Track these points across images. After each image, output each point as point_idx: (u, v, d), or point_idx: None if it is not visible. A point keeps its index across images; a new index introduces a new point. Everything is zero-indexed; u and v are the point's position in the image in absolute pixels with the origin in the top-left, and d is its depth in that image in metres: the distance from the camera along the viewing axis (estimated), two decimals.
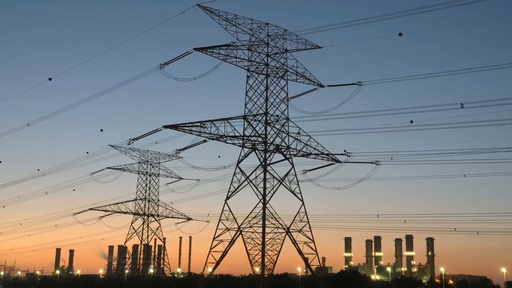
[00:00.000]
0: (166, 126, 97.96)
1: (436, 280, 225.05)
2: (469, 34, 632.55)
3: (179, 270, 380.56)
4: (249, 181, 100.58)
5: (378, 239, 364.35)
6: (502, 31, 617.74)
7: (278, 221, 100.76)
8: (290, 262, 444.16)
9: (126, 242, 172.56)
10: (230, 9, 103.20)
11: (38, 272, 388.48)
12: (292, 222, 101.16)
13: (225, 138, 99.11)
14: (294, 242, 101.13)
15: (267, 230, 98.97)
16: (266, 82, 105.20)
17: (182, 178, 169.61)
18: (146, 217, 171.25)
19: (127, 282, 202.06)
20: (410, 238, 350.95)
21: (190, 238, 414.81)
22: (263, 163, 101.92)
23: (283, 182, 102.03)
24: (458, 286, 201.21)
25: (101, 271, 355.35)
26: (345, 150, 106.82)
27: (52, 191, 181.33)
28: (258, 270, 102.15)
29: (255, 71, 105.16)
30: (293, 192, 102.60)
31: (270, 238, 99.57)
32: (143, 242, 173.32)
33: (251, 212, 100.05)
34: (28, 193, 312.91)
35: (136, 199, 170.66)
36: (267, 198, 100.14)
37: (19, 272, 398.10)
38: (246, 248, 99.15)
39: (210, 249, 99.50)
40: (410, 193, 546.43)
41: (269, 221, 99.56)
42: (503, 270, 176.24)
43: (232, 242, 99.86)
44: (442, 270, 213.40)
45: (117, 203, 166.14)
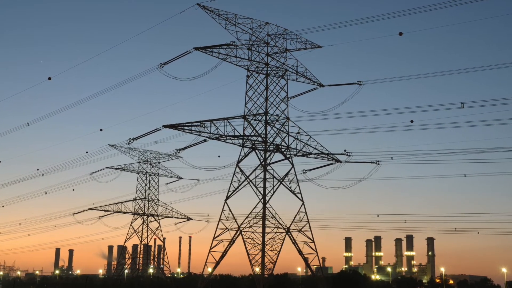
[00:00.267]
0: (165, 126, 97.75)
1: (436, 280, 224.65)
2: (469, 33, 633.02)
3: (179, 270, 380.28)
4: (249, 181, 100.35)
5: (378, 239, 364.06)
6: (502, 31, 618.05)
7: (278, 221, 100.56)
8: (290, 262, 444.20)
9: (125, 242, 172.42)
10: (230, 8, 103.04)
11: (37, 272, 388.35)
12: (292, 222, 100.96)
13: (225, 138, 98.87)
14: (294, 242, 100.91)
15: (267, 230, 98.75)
16: (266, 81, 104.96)
17: (182, 178, 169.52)
18: (145, 217, 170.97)
19: (127, 282, 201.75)
20: (410, 238, 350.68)
21: (190, 238, 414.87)
22: (263, 163, 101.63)
23: (283, 182, 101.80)
24: (458, 286, 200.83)
25: (100, 271, 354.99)
26: (345, 150, 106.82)
27: (51, 191, 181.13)
28: (258, 270, 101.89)
29: (255, 71, 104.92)
30: (293, 192, 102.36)
31: (270, 238, 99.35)
32: (143, 242, 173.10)
33: (251, 212, 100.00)
34: (27, 192, 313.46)
35: (135, 199, 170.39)
36: (267, 198, 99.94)
37: (19, 272, 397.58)
38: (246, 248, 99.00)
39: (210, 249, 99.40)
40: (411, 193, 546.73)
41: (269, 221, 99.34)
42: (504, 270, 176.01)
43: (232, 242, 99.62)
44: (443, 270, 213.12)
45: (116, 203, 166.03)
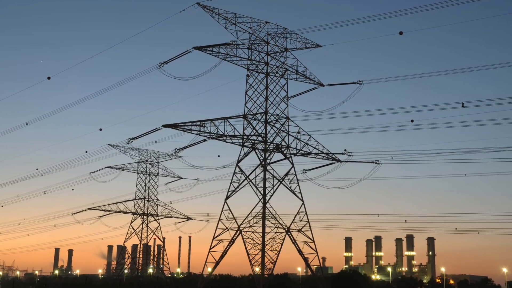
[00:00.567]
0: (165, 125, 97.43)
1: (437, 280, 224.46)
2: (469, 33, 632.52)
3: (179, 270, 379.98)
4: (249, 180, 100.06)
5: (378, 239, 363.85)
6: (503, 30, 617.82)
7: (278, 220, 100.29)
8: (290, 262, 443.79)
9: (125, 242, 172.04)
10: (230, 7, 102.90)
11: (36, 272, 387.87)
12: (292, 222, 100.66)
13: (224, 138, 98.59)
14: (294, 242, 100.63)
15: (267, 229, 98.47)
16: (266, 81, 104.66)
17: (181, 178, 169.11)
18: (145, 216, 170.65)
19: (126, 282, 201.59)
20: (410, 238, 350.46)
21: (190, 238, 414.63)
22: (263, 163, 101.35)
23: (283, 182, 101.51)
24: (459, 286, 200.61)
25: (100, 271, 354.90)
26: (345, 150, 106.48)
27: (51, 191, 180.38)
28: (258, 270, 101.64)
29: (255, 70, 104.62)
30: (293, 191, 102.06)
31: (270, 238, 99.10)
32: (143, 242, 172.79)
33: (251, 211, 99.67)
34: (27, 192, 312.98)
35: (135, 199, 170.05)
36: (267, 198, 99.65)
37: (18, 272, 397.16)
38: (246, 248, 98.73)
39: (210, 249, 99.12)
40: (411, 192, 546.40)
41: (269, 220, 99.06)
42: (504, 270, 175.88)
43: (231, 242, 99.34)
44: (443, 270, 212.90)
45: (116, 203, 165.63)
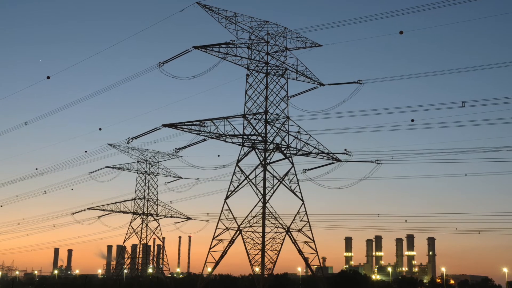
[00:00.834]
0: (165, 125, 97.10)
1: (437, 280, 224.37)
2: (470, 32, 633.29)
3: (178, 270, 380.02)
4: (248, 180, 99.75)
5: (378, 239, 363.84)
6: (504, 29, 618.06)
7: (278, 220, 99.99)
8: (290, 262, 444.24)
9: (125, 241, 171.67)
10: (230, 7, 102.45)
11: (36, 272, 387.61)
12: (292, 222, 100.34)
13: (224, 137, 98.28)
14: (294, 242, 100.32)
15: (267, 229, 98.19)
16: (266, 80, 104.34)
17: (181, 177, 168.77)
18: (145, 216, 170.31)
19: (126, 282, 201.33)
20: (411, 238, 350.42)
21: (190, 237, 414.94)
22: (263, 162, 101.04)
23: (283, 181, 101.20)
24: (459, 286, 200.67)
25: (99, 271, 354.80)
26: (345, 149, 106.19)
27: (50, 190, 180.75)
28: (258, 270, 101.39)
29: (255, 70, 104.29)
30: (293, 191, 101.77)
31: (270, 238, 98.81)
32: (142, 242, 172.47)
33: (251, 211, 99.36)
34: (26, 192, 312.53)
35: (135, 199, 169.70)
36: (267, 198, 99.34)
37: (17, 272, 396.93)
38: (245, 248, 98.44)
39: (210, 248, 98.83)
40: (411, 192, 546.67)
41: (269, 220, 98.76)
42: (505, 270, 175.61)
43: (231, 241, 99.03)
44: (443, 270, 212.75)
45: (115, 203, 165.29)
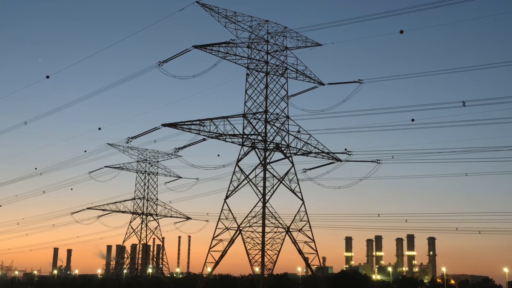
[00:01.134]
0: (165, 125, 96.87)
1: (437, 280, 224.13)
2: (470, 31, 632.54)
3: (178, 270, 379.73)
4: (248, 180, 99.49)
5: (379, 239, 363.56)
6: (504, 29, 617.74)
7: (278, 220, 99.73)
8: (290, 262, 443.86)
9: (124, 241, 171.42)
10: (230, 6, 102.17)
11: (35, 272, 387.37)
12: (292, 222, 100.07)
13: (224, 137, 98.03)
14: (294, 242, 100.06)
15: (267, 229, 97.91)
16: (266, 80, 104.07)
17: (181, 177, 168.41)
18: (144, 216, 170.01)
19: (126, 282, 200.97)
20: (411, 238, 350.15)
21: (189, 237, 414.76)
22: (263, 162, 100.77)
23: (283, 181, 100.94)
24: (459, 286, 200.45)
25: (99, 271, 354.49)
26: (345, 149, 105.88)
27: (49, 190, 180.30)
28: (257, 270, 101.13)
29: (255, 69, 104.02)
30: (293, 191, 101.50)
31: (270, 238, 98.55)
32: (142, 242, 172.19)
33: (251, 211, 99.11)
34: (25, 192, 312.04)
35: (134, 198, 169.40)
36: (267, 197, 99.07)
37: (16, 272, 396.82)
38: (245, 247, 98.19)
39: (209, 248, 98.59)
40: (411, 192, 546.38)
41: (269, 220, 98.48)
42: (505, 270, 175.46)
43: (231, 241, 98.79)
44: (444, 270, 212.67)
45: (115, 202, 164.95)
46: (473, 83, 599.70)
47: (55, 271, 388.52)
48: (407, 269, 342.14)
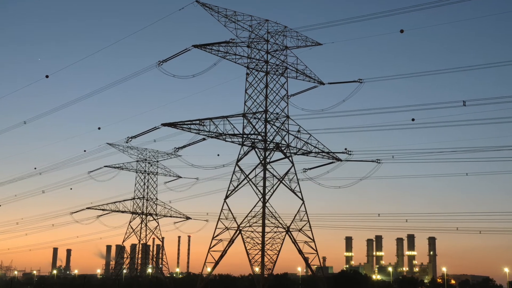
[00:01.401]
0: (164, 124, 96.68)
1: (438, 280, 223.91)
2: (471, 30, 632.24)
3: (178, 270, 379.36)
4: (248, 179, 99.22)
5: (379, 239, 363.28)
6: (505, 28, 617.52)
7: (278, 220, 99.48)
8: (290, 261, 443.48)
9: (124, 241, 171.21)
10: (229, 5, 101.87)
11: (35, 272, 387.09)
12: (292, 221, 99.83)
13: (224, 136, 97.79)
14: (294, 242, 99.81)
15: (267, 229, 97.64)
16: (265, 79, 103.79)
17: (180, 177, 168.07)
18: (144, 216, 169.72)
19: (125, 282, 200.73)
20: (411, 238, 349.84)
21: (189, 237, 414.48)
22: (263, 162, 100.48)
23: (283, 181, 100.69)
24: (460, 286, 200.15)
25: (98, 271, 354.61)
26: (345, 148, 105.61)
27: (49, 190, 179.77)
28: (257, 270, 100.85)
29: (255, 68, 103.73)
30: (293, 191, 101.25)
31: (270, 238, 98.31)
32: (141, 242, 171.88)
33: (251, 211, 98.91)
34: (24, 191, 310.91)
35: (134, 198, 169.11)
36: (267, 197, 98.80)
37: (16, 272, 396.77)
38: (245, 247, 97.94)
39: (209, 248, 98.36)
40: (412, 192, 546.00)
41: (269, 220, 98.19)
42: (506, 270, 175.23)
43: (231, 241, 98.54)
44: (444, 270, 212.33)
45: (115, 202, 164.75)
46: (473, 83, 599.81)
47: (55, 271, 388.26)
48: (408, 269, 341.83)
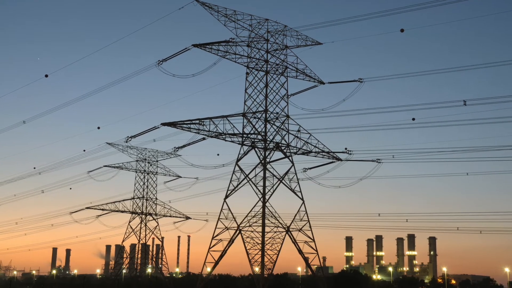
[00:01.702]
0: (164, 124, 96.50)
1: (438, 280, 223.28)
2: (471, 30, 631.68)
3: (178, 269, 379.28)
4: (248, 179, 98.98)
5: (379, 238, 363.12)
6: (505, 28, 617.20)
7: (278, 220, 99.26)
8: (290, 261, 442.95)
9: (123, 241, 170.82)
10: (229, 5, 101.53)
11: (34, 272, 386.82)
12: (292, 221, 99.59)
13: (224, 136, 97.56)
14: (294, 242, 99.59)
15: (267, 229, 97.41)
16: (265, 79, 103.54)
17: (180, 177, 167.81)
18: (144, 216, 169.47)
19: (125, 282, 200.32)
20: (412, 237, 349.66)
21: (189, 237, 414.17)
22: (263, 161, 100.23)
23: (283, 181, 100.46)
24: (460, 286, 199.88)
25: (98, 271, 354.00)
26: (346, 148, 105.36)
27: (48, 190, 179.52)
28: (257, 270, 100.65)
29: (255, 68, 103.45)
30: (293, 190, 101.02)
31: (270, 238, 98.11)
32: (141, 242, 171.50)
33: (251, 211, 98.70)
34: (24, 191, 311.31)
35: (133, 198, 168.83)
36: (267, 197, 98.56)
37: (15, 272, 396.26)
38: (245, 247, 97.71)
39: (209, 248, 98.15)
40: (412, 191, 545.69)
41: (268, 220, 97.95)
42: (506, 269, 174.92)
43: (231, 241, 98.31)
44: (445, 270, 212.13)
45: (114, 202, 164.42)
46: (474, 82, 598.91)
47: (54, 271, 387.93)
48: (408, 269, 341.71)
